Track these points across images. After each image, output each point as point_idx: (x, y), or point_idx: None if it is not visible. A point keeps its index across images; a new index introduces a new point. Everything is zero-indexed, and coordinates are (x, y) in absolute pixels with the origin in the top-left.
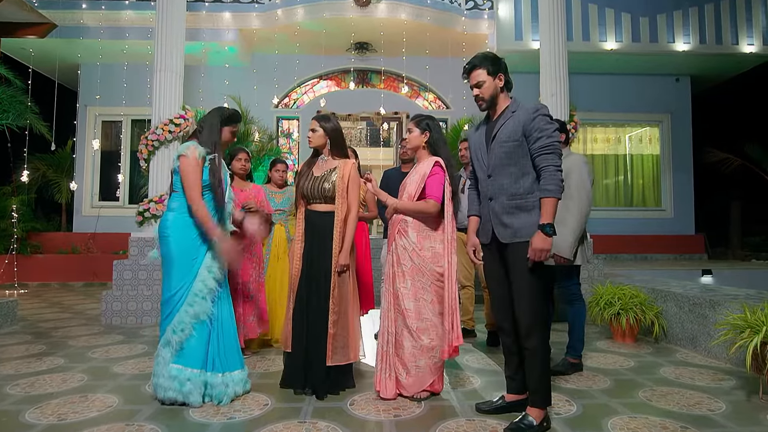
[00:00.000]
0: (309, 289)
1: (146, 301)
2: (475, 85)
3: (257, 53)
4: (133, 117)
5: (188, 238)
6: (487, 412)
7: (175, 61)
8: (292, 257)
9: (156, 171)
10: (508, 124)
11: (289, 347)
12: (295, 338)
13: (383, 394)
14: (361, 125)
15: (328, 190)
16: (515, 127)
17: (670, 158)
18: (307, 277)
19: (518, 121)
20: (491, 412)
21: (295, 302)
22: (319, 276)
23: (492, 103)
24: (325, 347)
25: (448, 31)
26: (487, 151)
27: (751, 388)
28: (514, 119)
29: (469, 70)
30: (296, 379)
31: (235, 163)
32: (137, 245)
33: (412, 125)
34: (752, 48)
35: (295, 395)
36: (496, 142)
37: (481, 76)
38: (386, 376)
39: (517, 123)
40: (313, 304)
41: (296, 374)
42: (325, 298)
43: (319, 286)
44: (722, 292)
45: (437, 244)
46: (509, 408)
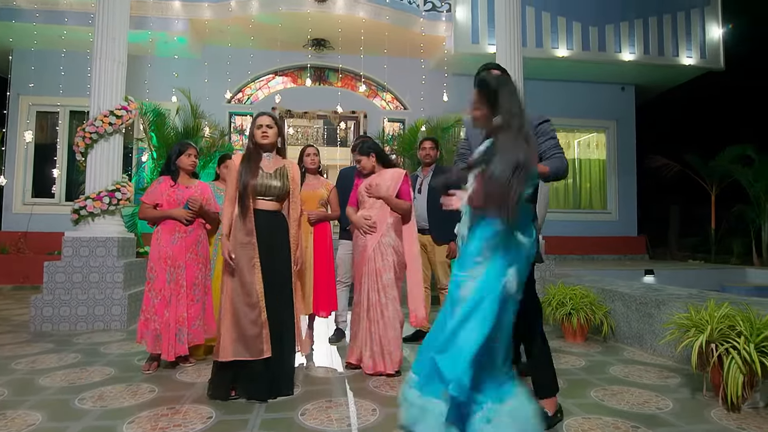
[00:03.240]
0: (272, 292)
1: (81, 306)
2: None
3: (209, 45)
4: (71, 108)
5: None
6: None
7: (118, 49)
8: (238, 257)
9: (94, 166)
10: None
11: (228, 356)
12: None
13: (368, 369)
14: (317, 124)
15: (279, 189)
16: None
17: (615, 163)
18: (270, 278)
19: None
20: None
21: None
22: (279, 278)
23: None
24: (293, 347)
25: (406, 31)
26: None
27: (695, 386)
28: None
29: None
30: (258, 389)
31: (183, 158)
32: (72, 245)
33: (358, 155)
34: (691, 60)
35: (241, 406)
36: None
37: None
38: (373, 352)
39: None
40: (279, 305)
41: (260, 383)
42: (288, 299)
43: (281, 288)
44: (666, 292)
45: (400, 240)
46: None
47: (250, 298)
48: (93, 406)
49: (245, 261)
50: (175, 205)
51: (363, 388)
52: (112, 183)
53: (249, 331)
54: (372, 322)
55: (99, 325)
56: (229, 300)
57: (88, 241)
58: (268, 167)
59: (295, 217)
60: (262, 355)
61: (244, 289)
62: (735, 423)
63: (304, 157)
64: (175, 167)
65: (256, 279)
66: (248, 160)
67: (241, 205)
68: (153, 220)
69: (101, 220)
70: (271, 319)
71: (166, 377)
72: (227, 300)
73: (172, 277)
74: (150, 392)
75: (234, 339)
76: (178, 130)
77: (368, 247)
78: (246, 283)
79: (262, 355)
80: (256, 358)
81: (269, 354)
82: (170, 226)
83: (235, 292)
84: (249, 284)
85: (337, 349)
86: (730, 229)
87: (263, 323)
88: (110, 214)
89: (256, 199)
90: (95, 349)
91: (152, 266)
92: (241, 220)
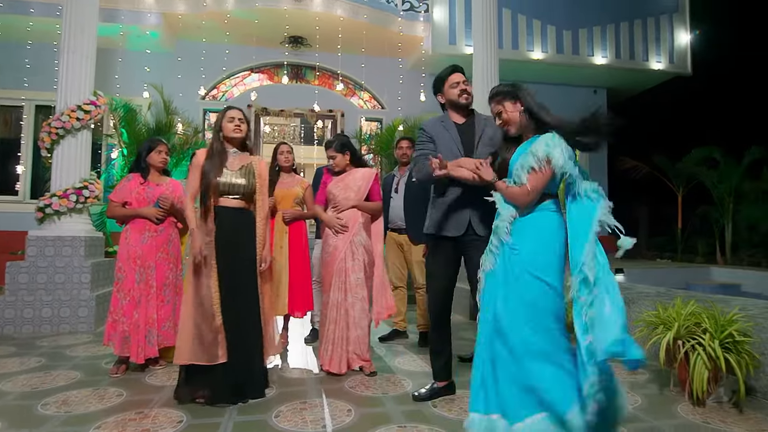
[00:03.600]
0: (233, 294)
1: (45, 308)
2: (463, 83)
3: (183, 40)
4: (37, 102)
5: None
6: (424, 399)
7: (86, 42)
8: (198, 256)
9: (61, 162)
10: (487, 130)
11: (184, 359)
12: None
13: (327, 368)
14: (294, 122)
15: (245, 187)
16: (494, 133)
17: (587, 164)
18: (228, 280)
19: (490, 123)
20: (426, 398)
21: (222, 311)
22: (241, 278)
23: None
24: (260, 350)
25: (384, 30)
26: (473, 151)
27: (663, 381)
28: (490, 126)
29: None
30: (220, 393)
31: (154, 155)
32: (36, 245)
33: (333, 152)
34: (660, 65)
35: (212, 409)
36: (482, 144)
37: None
38: (337, 353)
39: (495, 129)
40: (241, 307)
41: (223, 387)
42: (253, 300)
43: (244, 289)
44: (636, 290)
45: (370, 240)
46: (442, 392)
47: (205, 301)
48: (57, 411)
49: (205, 262)
50: (145, 204)
51: (338, 388)
52: (79, 180)
53: (205, 335)
54: (334, 323)
55: (65, 327)
56: (188, 302)
57: (54, 240)
58: (233, 165)
59: (263, 215)
60: (216, 360)
61: (199, 292)
62: (701, 417)
63: (277, 155)
64: (145, 164)
65: (212, 282)
66: (214, 157)
67: (203, 203)
68: (122, 219)
69: (68, 218)
70: (231, 323)
71: (135, 380)
72: (187, 302)
73: (141, 277)
74: (118, 396)
75: (191, 342)
76: (150, 127)
77: (339, 248)
78: (202, 286)
79: (216, 360)
80: (210, 364)
81: (224, 359)
82: (140, 224)
83: (194, 294)
84: (205, 287)
85: (313, 350)
86: (696, 230)
87: (218, 328)
88: (77, 213)
89: (220, 197)
90: (60, 352)
91: (121, 266)
92: (201, 219)
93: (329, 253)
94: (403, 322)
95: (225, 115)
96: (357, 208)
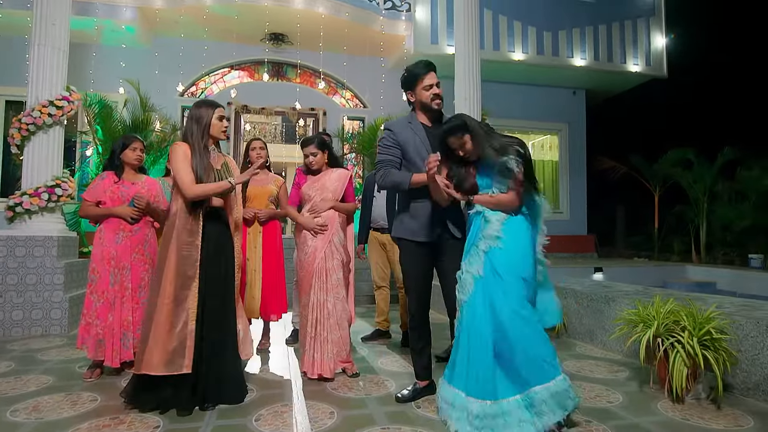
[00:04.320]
0: (213, 296)
1: (16, 310)
2: (437, 85)
3: (160, 36)
4: (7, 98)
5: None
6: (408, 401)
7: (59, 35)
8: (180, 257)
9: (32, 159)
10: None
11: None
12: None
13: (311, 374)
14: (276, 120)
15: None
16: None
17: (567, 164)
18: (210, 284)
19: None
20: (409, 399)
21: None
22: (222, 280)
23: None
24: (235, 353)
25: (366, 29)
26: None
27: (643, 379)
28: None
29: (433, 70)
30: (193, 399)
31: (128, 152)
32: (6, 245)
33: (314, 148)
34: (637, 68)
35: (191, 414)
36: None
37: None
38: (325, 357)
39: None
40: (217, 311)
41: (194, 394)
42: (231, 302)
43: (223, 292)
44: (615, 288)
45: (346, 239)
46: (424, 392)
47: (182, 307)
48: (27, 418)
49: (189, 265)
50: (120, 203)
51: (320, 390)
52: (51, 178)
53: (174, 343)
54: (318, 324)
55: (36, 330)
56: (163, 308)
57: (25, 240)
58: (215, 163)
59: (238, 215)
60: (182, 369)
61: (178, 298)
62: (680, 414)
63: (249, 151)
64: (119, 162)
65: (193, 287)
66: (201, 155)
67: (195, 203)
68: (95, 219)
69: (39, 217)
70: (208, 327)
71: (110, 385)
72: (161, 308)
73: (116, 279)
74: (92, 401)
75: (165, 351)
76: (126, 123)
77: (319, 248)
78: (181, 291)
79: (182, 369)
80: (178, 373)
81: (189, 370)
82: (114, 224)
83: (172, 299)
84: (183, 293)
85: (294, 351)
86: (672, 229)
87: (186, 335)
88: (49, 212)
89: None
90: (31, 356)
91: (94, 267)
92: (186, 219)
93: (308, 254)
94: (385, 322)
95: (215, 112)
96: (334, 209)
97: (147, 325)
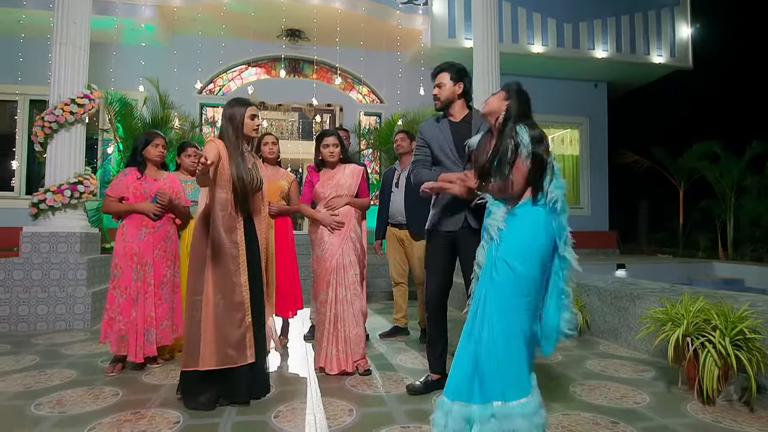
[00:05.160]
0: (254, 289)
1: (41, 305)
2: (437, 86)
3: (178, 34)
4: (31, 97)
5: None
6: (419, 393)
7: (80, 34)
8: (223, 253)
9: (55, 157)
10: (482, 129)
11: (213, 364)
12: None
13: (330, 369)
14: (292, 117)
15: (261, 183)
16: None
17: (588, 159)
18: (253, 278)
19: (487, 127)
20: (421, 391)
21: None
22: (256, 277)
23: (446, 104)
24: (265, 349)
25: (382, 23)
26: (466, 149)
27: (670, 379)
28: (484, 126)
29: (436, 74)
30: (242, 394)
31: (151, 149)
32: (30, 241)
33: (333, 139)
34: (661, 59)
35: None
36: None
37: (444, 78)
38: (341, 350)
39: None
40: (258, 305)
41: (241, 388)
42: (260, 297)
43: (259, 281)
44: (640, 286)
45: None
46: (435, 385)
47: (234, 300)
48: (50, 412)
49: (230, 260)
50: (142, 199)
51: (339, 387)
52: (74, 175)
53: (232, 336)
54: (339, 320)
55: (60, 324)
56: (208, 302)
57: (49, 236)
58: (248, 162)
59: (265, 213)
60: (246, 360)
61: (224, 291)
62: (711, 416)
63: (261, 146)
64: (141, 158)
65: (242, 280)
66: (240, 154)
67: (243, 205)
68: (118, 215)
69: (62, 214)
70: (257, 321)
71: (132, 379)
72: (207, 303)
73: (138, 275)
74: (113, 396)
75: (216, 345)
76: (146, 121)
77: (336, 244)
78: (227, 284)
79: (246, 360)
80: (242, 364)
81: (253, 359)
82: (137, 220)
83: (214, 293)
84: (236, 285)
85: (312, 347)
86: (697, 224)
87: (247, 327)
88: (72, 208)
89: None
90: (56, 350)
91: (117, 263)
92: (224, 214)
93: (325, 250)
94: (404, 319)
95: (247, 111)
96: (350, 205)
97: (193, 321)
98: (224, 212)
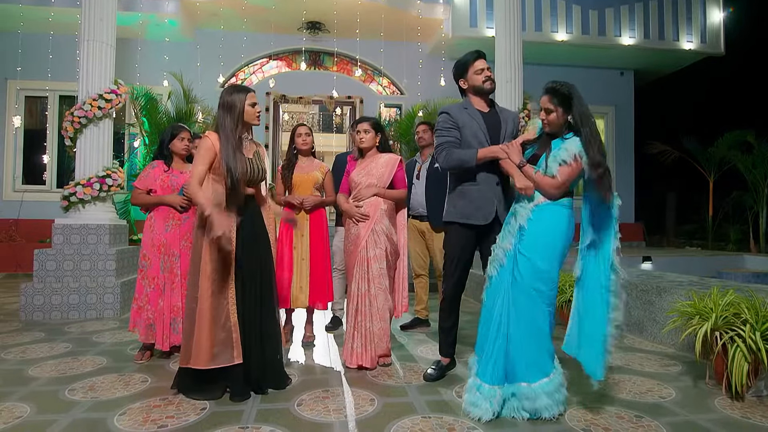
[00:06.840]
0: (252, 287)
1: (73, 294)
2: (488, 69)
3: (201, 28)
4: (61, 92)
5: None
6: (436, 379)
7: (106, 31)
8: (214, 250)
9: (84, 151)
10: (509, 126)
11: (205, 363)
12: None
13: (349, 363)
14: (313, 110)
15: (263, 175)
16: (513, 129)
17: (613, 149)
18: (247, 275)
19: (512, 118)
20: (437, 377)
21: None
22: (260, 270)
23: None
24: (278, 342)
25: (403, 13)
26: (499, 138)
27: (697, 373)
28: (511, 122)
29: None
30: (244, 389)
31: (176, 142)
32: (62, 233)
33: (366, 125)
34: (691, 45)
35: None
36: (507, 132)
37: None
38: (366, 348)
39: (514, 118)
40: (258, 301)
41: (243, 384)
42: (270, 290)
43: (261, 280)
44: (667, 279)
45: (394, 228)
46: (447, 369)
47: (221, 299)
48: (83, 397)
49: (224, 257)
50: (170, 191)
51: (361, 377)
52: (102, 169)
53: (219, 336)
54: (359, 314)
55: (91, 313)
56: (204, 301)
57: (79, 228)
58: (247, 152)
59: (268, 203)
60: (232, 361)
61: (216, 291)
62: (739, 412)
63: (295, 138)
64: (167, 152)
65: (230, 279)
66: (235, 146)
67: (234, 196)
68: (146, 207)
69: (92, 206)
70: (248, 317)
71: (160, 367)
72: (203, 300)
73: (166, 265)
74: (142, 382)
75: (209, 345)
76: (171, 115)
77: (361, 236)
78: (221, 282)
79: (232, 361)
80: (229, 365)
81: (239, 360)
82: (164, 212)
83: (210, 293)
84: (225, 283)
85: (334, 337)
86: (727, 216)
87: (233, 326)
88: (101, 201)
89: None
90: (87, 338)
91: (145, 253)
92: (227, 211)
93: (351, 242)
94: (424, 311)
95: (247, 97)
96: (379, 196)
97: (190, 320)
98: (219, 206)
